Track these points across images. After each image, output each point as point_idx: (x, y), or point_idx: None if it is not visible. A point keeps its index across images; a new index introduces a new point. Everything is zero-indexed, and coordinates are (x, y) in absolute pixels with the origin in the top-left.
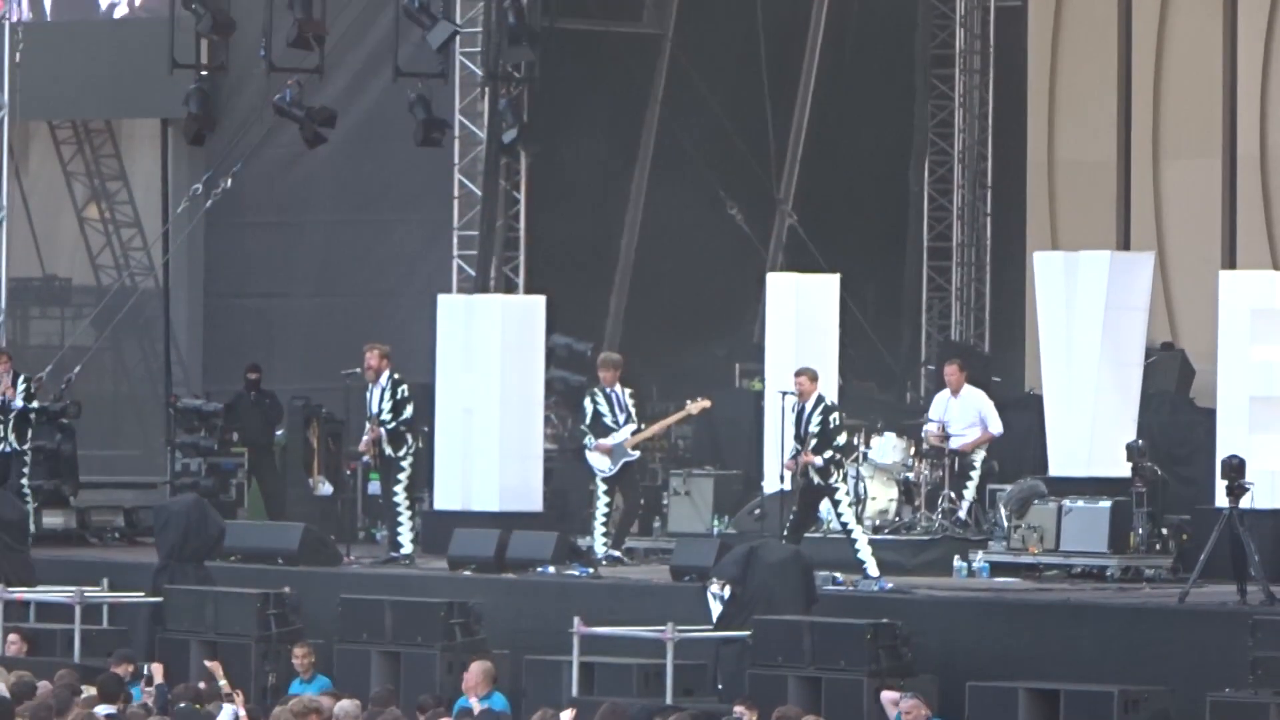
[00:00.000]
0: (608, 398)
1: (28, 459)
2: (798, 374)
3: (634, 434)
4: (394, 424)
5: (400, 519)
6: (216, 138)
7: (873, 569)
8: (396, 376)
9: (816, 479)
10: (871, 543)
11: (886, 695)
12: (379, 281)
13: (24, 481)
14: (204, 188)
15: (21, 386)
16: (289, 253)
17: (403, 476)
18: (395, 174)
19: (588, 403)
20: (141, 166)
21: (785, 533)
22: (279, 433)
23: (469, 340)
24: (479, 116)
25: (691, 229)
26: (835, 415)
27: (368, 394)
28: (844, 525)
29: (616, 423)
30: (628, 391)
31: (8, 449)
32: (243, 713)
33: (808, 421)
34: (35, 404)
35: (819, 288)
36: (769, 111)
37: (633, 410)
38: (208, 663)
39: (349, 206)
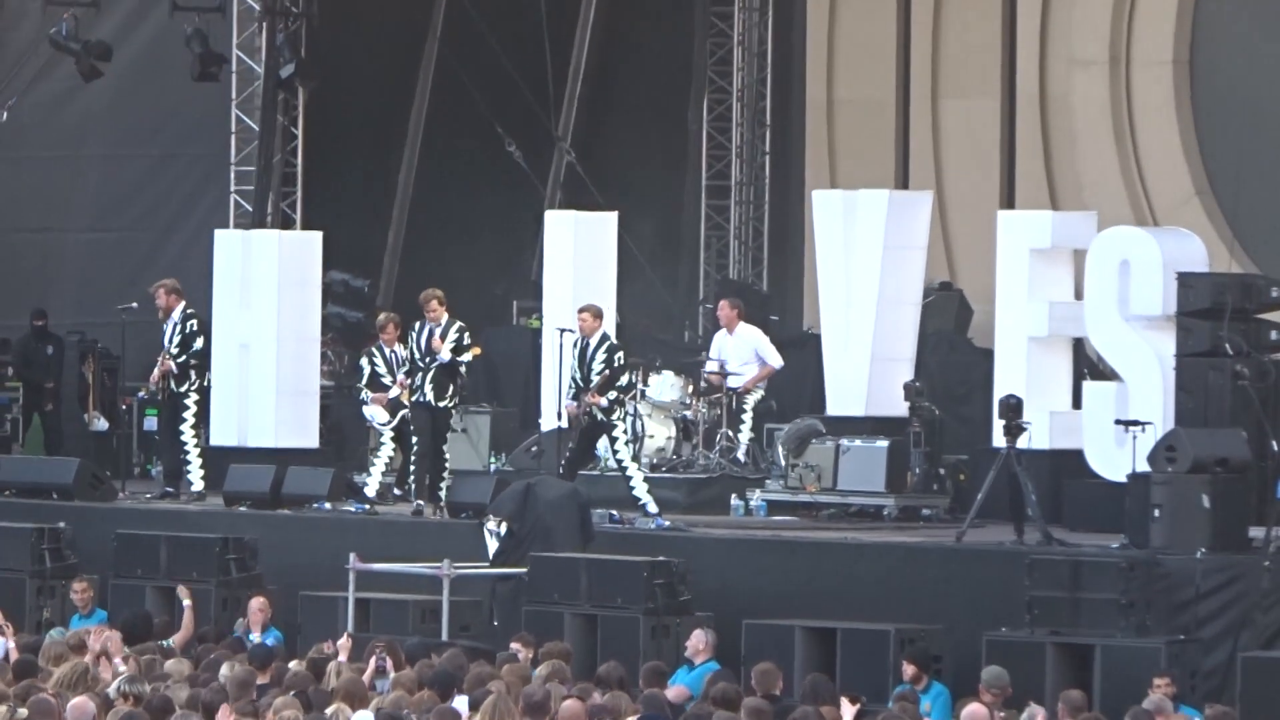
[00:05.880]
0: (386, 359)
1: None
2: (581, 310)
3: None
4: (182, 358)
5: (188, 456)
6: None
7: (651, 506)
8: (189, 311)
9: (601, 416)
10: (650, 480)
11: None
12: (156, 217)
13: None
14: None
15: None
16: (65, 187)
17: (188, 415)
18: (172, 109)
19: (365, 363)
20: None
21: (561, 467)
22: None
23: (246, 276)
24: (256, 51)
25: (470, 166)
26: (619, 354)
27: (163, 331)
28: (620, 463)
29: (394, 383)
30: (402, 351)
31: None
32: (13, 644)
33: (591, 359)
34: None
35: (597, 226)
36: (548, 48)
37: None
38: None
39: (126, 141)
